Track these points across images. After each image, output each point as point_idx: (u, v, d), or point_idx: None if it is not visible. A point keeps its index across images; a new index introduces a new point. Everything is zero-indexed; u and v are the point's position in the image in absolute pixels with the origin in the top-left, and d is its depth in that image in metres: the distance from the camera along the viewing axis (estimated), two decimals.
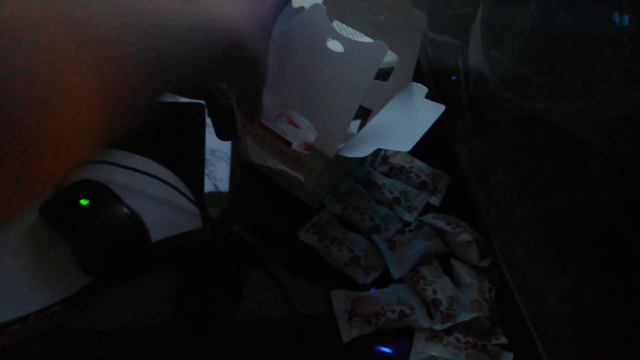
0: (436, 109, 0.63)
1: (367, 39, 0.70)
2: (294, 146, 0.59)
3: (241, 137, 0.68)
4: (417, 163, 0.75)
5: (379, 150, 0.77)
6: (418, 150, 0.76)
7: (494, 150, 0.66)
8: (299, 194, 0.69)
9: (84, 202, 0.60)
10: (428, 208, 0.72)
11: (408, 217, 0.70)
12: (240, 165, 0.72)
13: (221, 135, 0.75)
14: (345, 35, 0.52)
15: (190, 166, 0.71)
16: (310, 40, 0.52)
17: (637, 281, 0.43)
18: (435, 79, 0.83)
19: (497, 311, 0.61)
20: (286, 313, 0.59)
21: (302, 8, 0.58)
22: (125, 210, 0.62)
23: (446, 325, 0.59)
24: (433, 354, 0.56)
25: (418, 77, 0.87)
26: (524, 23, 0.56)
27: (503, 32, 0.62)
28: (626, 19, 0.44)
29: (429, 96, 0.64)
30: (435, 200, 0.72)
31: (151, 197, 0.66)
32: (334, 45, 0.52)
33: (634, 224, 0.43)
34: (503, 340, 0.59)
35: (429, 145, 0.80)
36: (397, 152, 0.76)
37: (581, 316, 0.50)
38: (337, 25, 0.76)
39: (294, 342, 0.57)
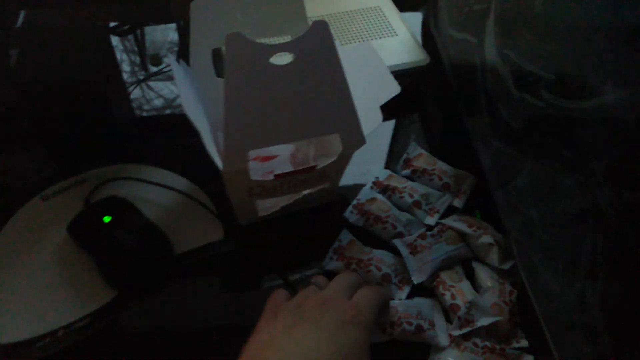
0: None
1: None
2: (319, 165, 0.59)
3: (242, 210, 0.66)
4: (440, 165, 0.74)
5: (402, 153, 0.76)
6: (441, 151, 0.75)
7: (510, 151, 0.64)
8: (319, 201, 0.69)
9: (107, 219, 0.63)
10: (452, 210, 0.71)
11: (429, 220, 0.69)
12: None
13: None
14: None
15: (211, 177, 0.72)
16: (253, 71, 0.50)
17: None
18: (457, 77, 0.82)
19: (518, 314, 0.60)
20: None
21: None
22: (148, 224, 0.64)
23: (464, 331, 0.58)
24: (450, 359, 0.56)
25: (440, 75, 0.86)
26: (532, 18, 0.55)
27: (514, 29, 0.60)
28: None
29: (451, 96, 0.63)
30: (458, 202, 0.71)
31: (173, 210, 0.68)
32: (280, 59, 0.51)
33: (635, 228, 0.41)
34: (524, 343, 0.58)
35: (452, 146, 0.79)
36: (420, 155, 0.75)
37: (595, 323, 0.48)
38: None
39: None
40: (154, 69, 0.92)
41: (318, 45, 0.50)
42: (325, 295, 0.50)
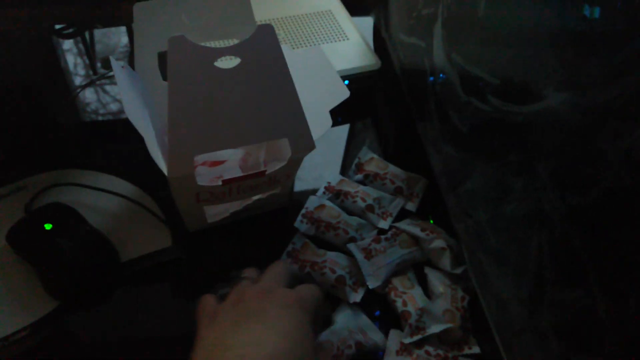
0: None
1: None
2: (269, 170, 0.58)
3: (189, 217, 0.65)
4: (392, 169, 0.74)
5: (353, 158, 0.76)
6: (394, 155, 0.75)
7: (459, 155, 0.64)
8: (271, 207, 0.68)
9: (47, 226, 0.60)
10: (405, 214, 0.70)
11: (383, 224, 0.69)
12: None
13: None
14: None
15: (159, 184, 0.70)
16: (198, 75, 0.49)
17: (586, 293, 0.41)
18: (407, 81, 0.82)
19: (470, 320, 0.60)
20: None
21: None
22: (91, 231, 0.62)
23: (415, 338, 0.57)
24: None
25: (391, 79, 0.87)
26: (476, 22, 0.55)
27: (459, 33, 0.60)
28: (597, 12, 0.42)
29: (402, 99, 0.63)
30: (411, 206, 0.71)
31: (119, 216, 0.66)
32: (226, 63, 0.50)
33: (580, 231, 0.41)
34: (476, 349, 0.58)
35: (404, 150, 0.79)
36: (371, 159, 0.75)
37: (543, 327, 0.48)
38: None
39: None
40: (106, 73, 0.89)
41: (264, 49, 0.49)
42: (264, 286, 0.49)
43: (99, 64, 0.91)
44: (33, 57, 0.90)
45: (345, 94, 0.61)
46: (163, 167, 0.52)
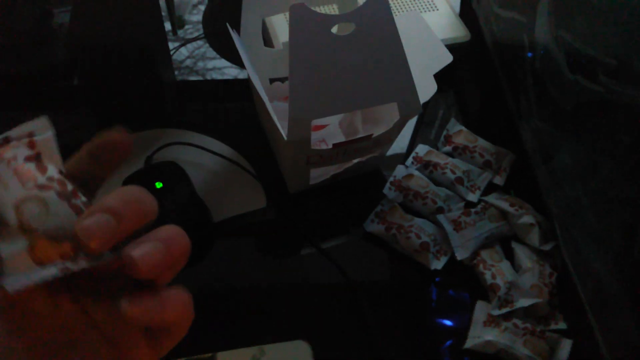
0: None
1: None
2: (375, 134, 0.60)
3: (294, 179, 0.67)
4: (481, 142, 0.74)
5: (441, 130, 0.76)
6: (481, 129, 0.75)
7: (558, 131, 0.64)
8: (366, 169, 0.70)
9: (158, 184, 0.63)
10: (492, 187, 0.71)
11: (471, 197, 0.70)
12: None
13: None
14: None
15: (252, 145, 0.72)
16: (316, 41, 0.50)
17: None
18: (500, 55, 0.81)
19: (557, 296, 0.61)
20: (349, 298, 0.61)
21: None
22: (193, 195, 0.65)
23: (504, 311, 0.59)
24: (490, 339, 0.56)
25: (481, 52, 0.86)
26: (589, 1, 0.54)
27: (572, 10, 0.59)
28: None
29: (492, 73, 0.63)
30: (499, 180, 0.71)
31: (221, 177, 0.69)
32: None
33: None
34: (562, 325, 0.59)
35: (493, 124, 0.79)
36: (460, 131, 0.75)
37: None
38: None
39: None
40: (200, 34, 0.90)
41: (377, 15, 0.51)
42: None
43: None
44: (139, 14, 0.91)
45: (449, 58, 0.62)
46: (282, 131, 0.54)
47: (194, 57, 0.86)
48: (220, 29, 0.64)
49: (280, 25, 0.80)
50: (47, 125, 0.26)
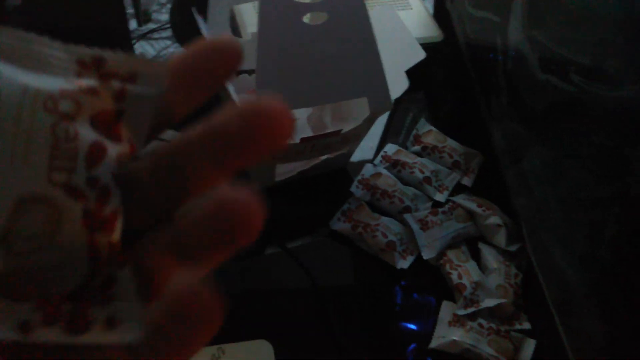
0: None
1: None
2: (344, 130, 0.59)
3: (258, 175, 0.65)
4: (450, 142, 0.74)
5: (411, 129, 0.76)
6: (452, 130, 0.75)
7: (528, 132, 0.64)
8: (332, 167, 0.69)
9: None
10: (460, 188, 0.71)
11: (439, 196, 0.69)
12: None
13: None
14: None
15: None
16: (286, 30, 0.48)
17: None
18: (473, 55, 0.81)
19: (522, 297, 0.60)
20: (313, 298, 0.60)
21: None
22: None
23: (469, 311, 0.58)
24: (455, 338, 0.56)
25: (453, 52, 0.86)
26: (565, 2, 0.54)
27: (545, 10, 0.59)
28: None
29: (464, 74, 0.63)
30: (467, 181, 0.71)
31: None
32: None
33: None
34: (527, 326, 0.58)
35: (463, 124, 0.79)
36: (430, 131, 0.75)
37: (608, 309, 0.48)
38: None
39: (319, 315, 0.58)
40: (161, 25, 0.89)
41: (351, 5, 0.49)
42: None
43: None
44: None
45: (422, 54, 0.61)
46: None
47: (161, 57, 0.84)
48: (187, 19, 0.62)
49: (249, 15, 0.78)
50: (162, 76, 0.17)
